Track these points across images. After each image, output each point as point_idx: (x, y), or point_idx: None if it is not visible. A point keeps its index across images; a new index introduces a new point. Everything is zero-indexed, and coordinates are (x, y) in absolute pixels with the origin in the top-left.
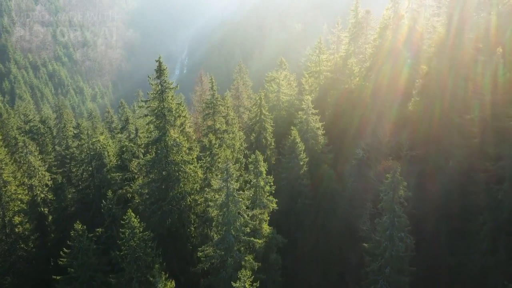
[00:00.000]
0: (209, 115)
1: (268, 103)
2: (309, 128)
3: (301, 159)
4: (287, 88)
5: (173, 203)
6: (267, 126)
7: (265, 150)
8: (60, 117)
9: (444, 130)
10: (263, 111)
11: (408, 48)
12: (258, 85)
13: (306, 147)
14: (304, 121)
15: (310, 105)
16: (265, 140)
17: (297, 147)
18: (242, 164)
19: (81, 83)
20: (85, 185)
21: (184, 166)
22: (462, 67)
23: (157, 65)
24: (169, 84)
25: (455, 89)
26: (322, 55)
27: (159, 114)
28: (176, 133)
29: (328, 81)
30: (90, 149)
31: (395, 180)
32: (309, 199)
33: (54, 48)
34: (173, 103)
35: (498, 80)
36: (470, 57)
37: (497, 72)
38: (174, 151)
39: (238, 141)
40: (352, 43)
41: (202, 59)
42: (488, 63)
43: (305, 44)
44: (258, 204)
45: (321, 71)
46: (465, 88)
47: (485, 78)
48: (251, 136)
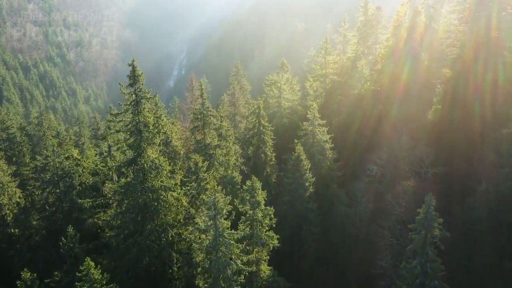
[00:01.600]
0: (198, 128)
1: (268, 110)
2: (315, 141)
3: (306, 179)
4: (289, 93)
5: (152, 237)
6: (267, 139)
7: (264, 166)
8: (40, 124)
9: (473, 145)
10: (262, 122)
11: (426, 48)
12: (258, 89)
13: (312, 164)
14: (309, 133)
15: (317, 115)
16: (264, 155)
17: (302, 165)
18: (238, 184)
19: (74, 84)
20: (52, 210)
21: (164, 193)
22: (491, 70)
23: (130, 69)
24: (146, 93)
25: (485, 96)
26: (329, 56)
27: (134, 130)
28: (155, 152)
29: (335, 85)
30: (57, 168)
31: (429, 216)
32: (315, 225)
33: (46, 48)
34: (150, 116)
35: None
36: (500, 59)
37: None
38: (152, 175)
39: (233, 156)
40: (361, 43)
41: (201, 60)
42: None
43: (308, 45)
44: (255, 242)
45: (327, 74)
46: (497, 96)
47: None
48: (249, 149)
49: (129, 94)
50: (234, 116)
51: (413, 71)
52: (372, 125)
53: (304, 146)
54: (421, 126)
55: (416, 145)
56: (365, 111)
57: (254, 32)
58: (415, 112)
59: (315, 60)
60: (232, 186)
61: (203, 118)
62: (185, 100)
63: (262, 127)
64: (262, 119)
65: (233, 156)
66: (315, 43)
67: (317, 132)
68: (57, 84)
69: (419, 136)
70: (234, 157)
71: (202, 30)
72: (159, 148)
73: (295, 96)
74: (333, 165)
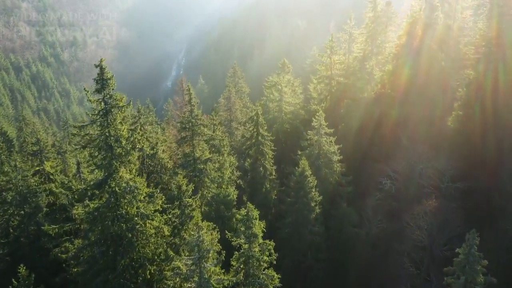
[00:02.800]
0: (185, 139)
1: (267, 115)
2: (321, 153)
3: (312, 198)
4: (290, 96)
5: (126, 275)
6: (266, 151)
7: (263, 181)
8: (21, 129)
9: (501, 156)
10: (261, 131)
11: (443, 47)
12: (257, 90)
13: (318, 179)
14: (314, 143)
15: (323, 123)
16: (263, 168)
17: (307, 183)
18: (233, 202)
19: (68, 85)
20: (15, 234)
21: (141, 221)
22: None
23: (98, 71)
24: (118, 100)
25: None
26: (335, 56)
27: (103, 145)
28: (129, 172)
29: (341, 87)
30: (20, 186)
31: (472, 258)
32: (322, 251)
33: (40, 48)
34: (123, 128)
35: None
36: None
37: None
38: (126, 200)
39: (228, 169)
40: (370, 41)
41: (199, 59)
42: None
43: (310, 44)
44: (251, 283)
45: (332, 76)
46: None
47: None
48: (246, 161)
49: (97, 102)
50: (230, 123)
51: (430, 72)
52: (384, 132)
53: (309, 158)
54: (440, 134)
55: (435, 156)
56: (375, 117)
57: (253, 31)
58: (433, 118)
59: (319, 60)
60: (225, 205)
61: (192, 128)
62: (176, 104)
63: (260, 136)
64: (260, 128)
65: (228, 169)
66: (318, 42)
67: (323, 143)
68: (49, 85)
69: (438, 146)
70: (229, 169)
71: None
72: (135, 167)
73: (297, 99)
74: (342, 179)
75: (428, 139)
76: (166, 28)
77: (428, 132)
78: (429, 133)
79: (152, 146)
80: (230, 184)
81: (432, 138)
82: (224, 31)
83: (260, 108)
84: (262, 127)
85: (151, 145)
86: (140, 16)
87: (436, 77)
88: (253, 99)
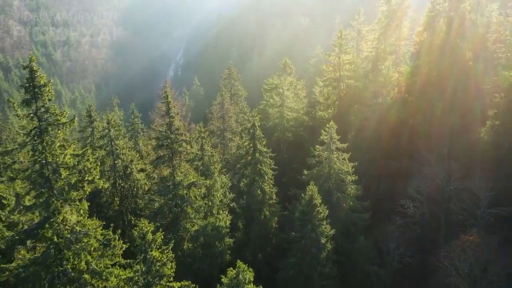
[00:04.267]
0: (163, 159)
1: (267, 122)
2: (332, 173)
3: (322, 233)
4: (293, 101)
5: None
6: (265, 170)
7: (261, 207)
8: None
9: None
10: (259, 146)
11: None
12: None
13: (329, 205)
14: (324, 161)
15: (335, 136)
16: (261, 191)
17: (316, 214)
18: (226, 230)
19: (59, 86)
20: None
21: (93, 281)
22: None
23: (27, 75)
24: (57, 116)
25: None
26: (344, 55)
27: (36, 178)
28: (76, 213)
29: (351, 91)
30: None
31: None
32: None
33: (31, 47)
34: (66, 154)
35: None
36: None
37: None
38: (71, 252)
39: (219, 191)
40: (383, 39)
41: (197, 60)
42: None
43: (314, 42)
44: None
45: (341, 78)
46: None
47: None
48: (241, 181)
49: (28, 117)
50: (223, 133)
51: (456, 74)
52: (403, 145)
53: (317, 179)
54: (472, 148)
55: (467, 175)
56: (392, 126)
57: (253, 29)
58: (462, 129)
59: (326, 59)
60: (215, 239)
61: (171, 146)
62: (157, 111)
63: (258, 153)
64: (258, 142)
65: (219, 191)
66: (322, 41)
67: (334, 160)
68: None
69: (471, 162)
70: (221, 191)
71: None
72: (81, 207)
73: (301, 103)
74: (358, 205)
75: (457, 153)
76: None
77: (457, 145)
78: (458, 147)
79: (125, 165)
80: (222, 208)
81: (462, 153)
82: (223, 30)
83: (257, 118)
84: (260, 142)
85: (124, 163)
86: (137, 15)
87: (463, 79)
88: (251, 103)
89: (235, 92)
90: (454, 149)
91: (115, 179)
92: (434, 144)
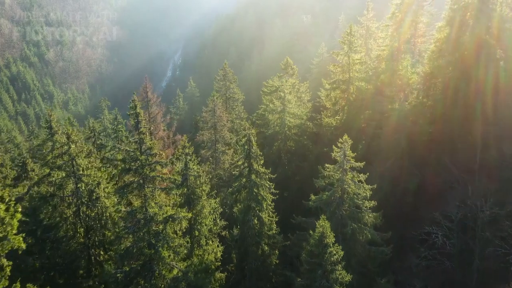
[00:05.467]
0: (131, 187)
1: (266, 129)
2: (346, 198)
3: (335, 280)
4: (296, 106)
5: None
6: (263, 195)
7: (258, 240)
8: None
9: None
10: (255, 166)
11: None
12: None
13: (342, 238)
14: (337, 183)
15: (349, 153)
16: (258, 221)
17: (329, 255)
18: (216, 265)
19: (51, 87)
20: None
21: None
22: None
23: None
24: None
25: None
26: (355, 55)
27: None
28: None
29: (363, 95)
30: None
31: None
32: None
33: (22, 46)
34: None
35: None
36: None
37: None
38: None
39: (208, 218)
40: (397, 36)
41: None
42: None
43: (317, 41)
44: None
45: (351, 80)
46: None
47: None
48: (235, 206)
49: None
50: (214, 144)
51: (487, 76)
52: (427, 159)
53: (327, 206)
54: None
55: (507, 196)
56: (412, 137)
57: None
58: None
59: (334, 59)
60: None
61: (140, 170)
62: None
63: (254, 175)
64: (254, 162)
65: (208, 218)
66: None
67: (348, 182)
68: (31, 86)
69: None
70: (210, 218)
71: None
72: None
73: (305, 108)
74: (377, 237)
75: (493, 171)
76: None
77: (492, 162)
78: (494, 163)
79: (90, 189)
80: (212, 238)
81: (500, 171)
82: (221, 28)
83: (254, 132)
84: (257, 161)
85: (89, 187)
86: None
87: (492, 81)
88: (250, 107)
89: (231, 96)
90: (487, 165)
91: (78, 206)
92: (461, 159)
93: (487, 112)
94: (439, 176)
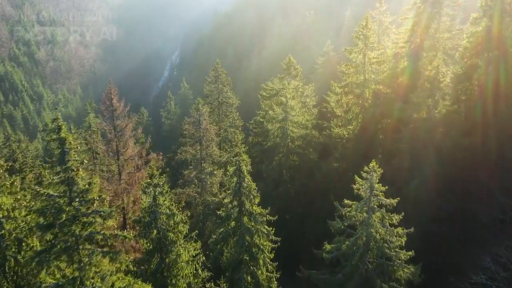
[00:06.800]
0: (56, 251)
1: (265, 140)
2: (373, 247)
3: None
4: (300, 113)
5: None
6: (261, 243)
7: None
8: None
9: None
10: (248, 206)
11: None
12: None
13: None
14: (360, 227)
15: (378, 187)
16: (251, 278)
17: None
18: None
19: (41, 87)
20: None
21: None
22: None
23: None
24: None
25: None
26: (371, 52)
27: None
28: None
29: (381, 101)
30: None
31: None
32: None
33: (11, 45)
34: None
35: None
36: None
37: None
38: None
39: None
40: (418, 30)
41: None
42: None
43: (321, 39)
44: None
45: (367, 82)
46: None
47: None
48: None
49: None
50: (200, 163)
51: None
52: (465, 183)
53: (349, 257)
54: None
55: None
56: (445, 154)
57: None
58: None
59: (341, 58)
60: None
61: (68, 228)
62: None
63: (246, 217)
64: (247, 200)
65: (185, 270)
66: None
67: (377, 226)
68: (19, 87)
69: None
70: (189, 269)
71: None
72: None
73: (309, 115)
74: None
75: None
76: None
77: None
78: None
79: (18, 238)
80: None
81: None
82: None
83: (246, 158)
84: (251, 200)
85: (15, 235)
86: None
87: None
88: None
89: (224, 101)
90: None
91: None
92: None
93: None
94: (483, 203)
